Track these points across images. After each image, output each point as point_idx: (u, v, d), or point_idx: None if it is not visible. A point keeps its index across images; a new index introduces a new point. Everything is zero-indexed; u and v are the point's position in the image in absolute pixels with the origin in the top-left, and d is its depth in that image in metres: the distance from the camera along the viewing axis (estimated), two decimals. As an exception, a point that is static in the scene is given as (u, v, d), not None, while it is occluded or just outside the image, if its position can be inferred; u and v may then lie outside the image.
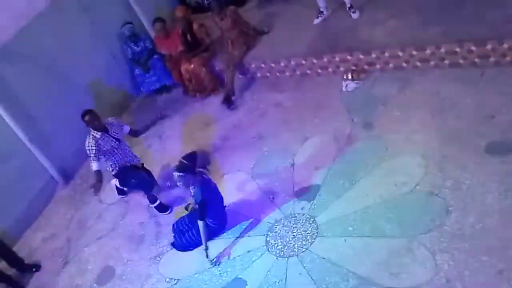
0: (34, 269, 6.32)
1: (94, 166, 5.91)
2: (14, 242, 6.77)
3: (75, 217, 6.85)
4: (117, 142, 5.95)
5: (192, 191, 5.34)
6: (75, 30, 7.73)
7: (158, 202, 6.22)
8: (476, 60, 6.07)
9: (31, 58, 7.11)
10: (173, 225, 5.80)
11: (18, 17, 6.93)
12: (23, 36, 7.01)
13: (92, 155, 5.86)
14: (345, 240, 5.00)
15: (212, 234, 5.61)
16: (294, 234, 5.31)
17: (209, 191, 5.40)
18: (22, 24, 7.02)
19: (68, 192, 7.33)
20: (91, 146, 5.82)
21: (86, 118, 5.79)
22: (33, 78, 7.13)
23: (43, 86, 7.26)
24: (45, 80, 7.28)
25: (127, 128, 6.23)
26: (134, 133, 6.44)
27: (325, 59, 7.04)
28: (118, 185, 6.55)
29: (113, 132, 5.94)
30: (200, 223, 5.34)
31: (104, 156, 5.97)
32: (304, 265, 4.97)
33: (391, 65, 6.65)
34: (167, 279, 5.48)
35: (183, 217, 5.80)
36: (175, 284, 5.41)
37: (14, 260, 6.31)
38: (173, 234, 5.79)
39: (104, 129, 5.86)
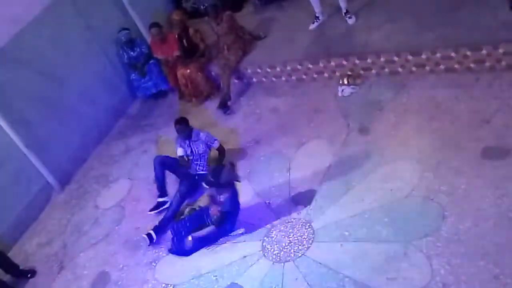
0: (29, 275, 6.27)
1: (179, 151, 6.25)
2: (9, 248, 6.73)
3: (70, 222, 6.82)
4: (190, 152, 6.23)
5: (221, 198, 5.38)
6: (71, 35, 7.71)
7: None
8: (472, 65, 6.09)
9: (26, 62, 7.09)
10: (173, 226, 5.75)
11: (13, 22, 6.92)
12: (19, 41, 7.00)
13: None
14: (341, 245, 5.00)
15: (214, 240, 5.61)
16: (290, 239, 5.30)
17: (237, 202, 5.46)
18: (17, 28, 7.00)
19: (64, 197, 7.30)
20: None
21: (176, 127, 6.18)
22: (28, 83, 7.11)
23: (38, 90, 7.23)
24: (40, 84, 7.26)
25: (216, 144, 6.26)
26: (221, 151, 6.34)
27: (321, 64, 7.06)
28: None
29: (193, 143, 6.19)
30: (211, 228, 5.39)
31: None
32: (301, 270, 4.96)
33: (386, 70, 6.67)
34: (163, 285, 5.46)
35: (184, 219, 5.75)
36: (171, 289, 5.40)
37: (9, 266, 6.26)
38: (172, 237, 5.73)
39: (187, 136, 6.18)
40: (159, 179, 6.32)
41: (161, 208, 6.22)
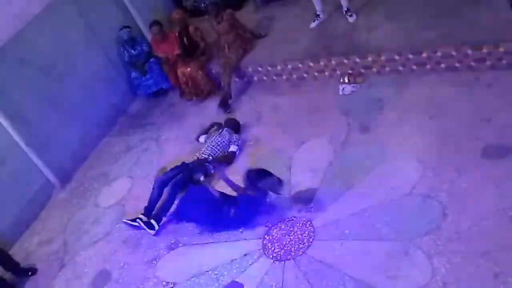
0: (30, 273, 6.28)
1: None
2: (10, 246, 6.74)
3: (71, 221, 6.83)
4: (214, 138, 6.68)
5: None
6: (71, 33, 7.72)
7: None
8: (472, 63, 6.09)
9: (27, 61, 7.09)
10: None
11: (14, 20, 6.92)
12: (20, 40, 7.00)
13: None
14: (342, 243, 5.00)
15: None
16: (291, 237, 5.30)
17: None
18: (18, 27, 7.01)
19: (65, 196, 7.31)
20: None
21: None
22: (29, 81, 7.12)
23: (39, 89, 7.24)
24: (41, 83, 7.27)
25: (234, 147, 6.59)
26: (230, 157, 6.58)
27: (321, 63, 7.05)
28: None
29: (224, 134, 6.68)
30: None
31: None
32: (301, 268, 4.97)
33: (387, 68, 6.67)
34: (164, 283, 5.46)
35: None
36: (172, 287, 5.40)
37: (10, 264, 6.28)
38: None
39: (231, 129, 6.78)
40: (151, 201, 6.16)
41: (133, 224, 6.10)
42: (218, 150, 6.52)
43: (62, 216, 6.97)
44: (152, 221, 6.00)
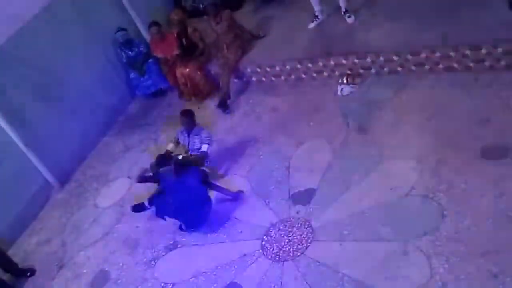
0: (28, 274, 6.27)
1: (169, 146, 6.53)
2: (9, 246, 6.72)
3: (70, 221, 6.82)
4: (187, 145, 6.42)
5: None
6: (70, 34, 7.70)
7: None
8: (471, 64, 6.10)
9: (26, 61, 7.08)
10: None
11: (13, 21, 6.91)
12: (18, 40, 6.99)
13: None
14: (341, 244, 5.01)
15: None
16: (290, 238, 5.30)
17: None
18: (17, 27, 7.00)
19: (64, 196, 7.30)
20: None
21: (181, 118, 6.38)
22: (28, 82, 7.10)
23: (38, 89, 7.23)
24: (40, 83, 7.26)
25: (205, 147, 6.26)
26: (200, 159, 6.23)
27: (320, 63, 7.06)
28: None
29: (192, 137, 6.35)
30: None
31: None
32: (300, 269, 4.97)
33: (386, 69, 6.68)
34: (162, 284, 5.46)
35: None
36: (171, 288, 5.40)
37: (8, 265, 6.26)
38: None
39: (189, 129, 6.36)
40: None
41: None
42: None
43: (61, 216, 6.97)
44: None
